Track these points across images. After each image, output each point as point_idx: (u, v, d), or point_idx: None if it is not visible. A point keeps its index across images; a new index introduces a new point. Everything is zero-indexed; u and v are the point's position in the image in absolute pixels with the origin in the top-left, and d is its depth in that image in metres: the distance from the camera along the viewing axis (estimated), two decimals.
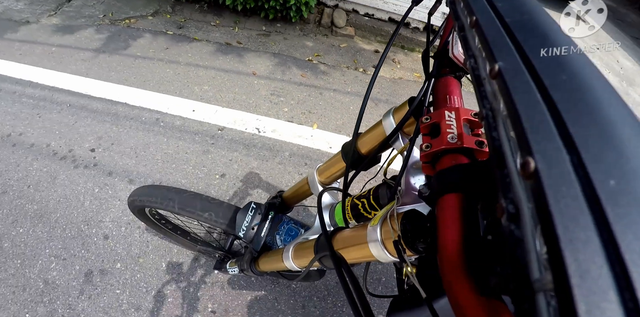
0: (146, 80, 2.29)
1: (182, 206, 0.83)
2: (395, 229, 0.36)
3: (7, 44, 2.67)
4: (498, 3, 0.23)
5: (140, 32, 2.70)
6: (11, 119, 2.10)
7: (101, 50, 2.54)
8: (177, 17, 2.87)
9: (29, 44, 2.65)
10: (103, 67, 2.40)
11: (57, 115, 2.10)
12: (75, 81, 2.30)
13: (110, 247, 1.52)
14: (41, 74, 2.38)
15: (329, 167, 0.67)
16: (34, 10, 3.00)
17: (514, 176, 0.15)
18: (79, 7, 2.96)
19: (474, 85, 0.22)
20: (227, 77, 2.35)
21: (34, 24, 2.85)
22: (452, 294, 0.22)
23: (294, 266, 0.61)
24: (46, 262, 1.47)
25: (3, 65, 2.47)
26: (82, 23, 2.80)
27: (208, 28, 2.80)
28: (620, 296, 0.10)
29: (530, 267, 0.13)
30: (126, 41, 2.61)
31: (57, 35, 2.70)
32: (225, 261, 1.00)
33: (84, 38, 2.67)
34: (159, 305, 1.36)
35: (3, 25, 2.88)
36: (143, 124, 2.03)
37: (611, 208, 0.12)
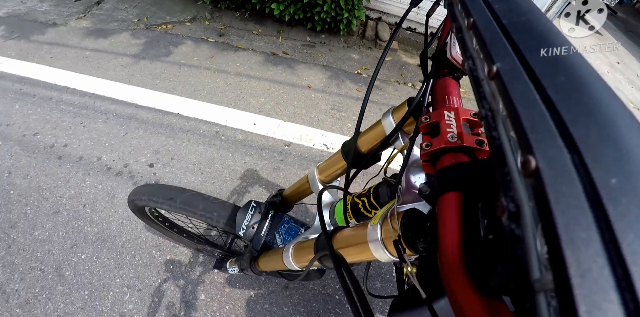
0: (196, 89, 2.18)
1: (182, 205, 0.82)
2: (395, 229, 0.35)
3: (35, 47, 2.50)
4: (495, 5, 0.23)
5: (180, 38, 2.58)
6: (51, 128, 1.94)
7: (141, 56, 2.41)
8: (217, 24, 2.78)
9: (59, 47, 2.49)
10: (146, 74, 2.27)
11: (104, 125, 1.95)
12: (117, 88, 2.16)
13: (189, 276, 1.38)
14: (78, 79, 2.22)
15: (329, 165, 0.67)
16: (60, 12, 2.84)
17: (515, 174, 0.15)
18: (109, 10, 2.83)
19: (473, 86, 0.22)
20: (282, 89, 2.26)
21: (62, 27, 2.69)
22: (452, 294, 0.22)
23: (294, 266, 0.61)
24: (119, 294, 1.32)
25: (34, 69, 2.31)
26: (115, 27, 2.67)
27: (250, 37, 2.71)
28: (621, 296, 0.10)
29: (531, 266, 0.13)
30: (167, 48, 2.49)
31: (90, 39, 2.56)
32: (225, 260, 0.99)
33: (120, 43, 2.53)
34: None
35: (28, 27, 2.71)
36: (202, 137, 1.91)
37: (612, 207, 0.12)
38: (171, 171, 1.73)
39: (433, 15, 0.50)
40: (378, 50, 2.96)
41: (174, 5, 2.89)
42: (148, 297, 1.31)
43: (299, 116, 2.11)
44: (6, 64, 2.37)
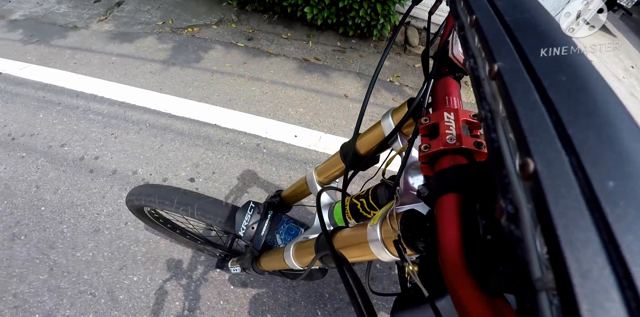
0: (231, 98, 2.08)
1: (181, 205, 0.83)
2: (395, 229, 0.36)
3: (56, 52, 2.40)
4: (498, 2, 0.22)
5: (209, 43, 2.49)
6: (80, 139, 1.84)
7: (170, 62, 2.31)
8: (244, 28, 2.68)
9: (82, 52, 2.38)
10: (177, 81, 2.17)
11: (137, 137, 1.85)
12: (148, 97, 2.06)
13: (244, 296, 1.28)
14: (105, 86, 2.12)
15: (328, 167, 0.67)
16: (80, 14, 2.73)
17: (513, 177, 0.16)
18: (131, 12, 2.73)
19: (473, 86, 0.22)
20: (319, 98, 2.17)
21: (83, 30, 2.59)
22: (454, 292, 0.22)
23: (296, 265, 0.61)
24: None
25: (57, 76, 2.21)
26: (139, 30, 2.57)
27: (280, 41, 2.62)
28: (623, 295, 0.10)
29: (531, 266, 0.13)
30: (196, 53, 2.39)
31: (114, 44, 2.45)
32: (226, 260, 0.99)
33: (146, 47, 2.43)
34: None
35: (47, 30, 2.61)
36: (243, 149, 1.81)
37: (610, 209, 0.12)
38: (215, 186, 1.63)
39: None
40: (407, 56, 2.87)
41: (198, 7, 2.79)
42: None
43: (340, 128, 2.02)
44: (27, 70, 2.26)
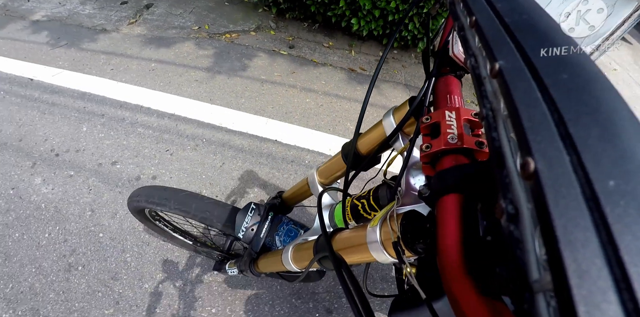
0: (287, 111, 1.99)
1: (182, 207, 0.83)
2: (394, 230, 0.36)
3: (89, 57, 2.26)
4: (497, 3, 0.23)
5: (251, 50, 2.38)
6: (133, 156, 1.72)
7: (215, 70, 2.20)
8: (283, 35, 2.59)
9: (117, 57, 2.25)
10: (227, 91, 2.07)
11: (195, 154, 1.75)
12: (199, 108, 1.95)
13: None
14: (151, 96, 2.01)
15: (329, 167, 0.67)
16: (107, 16, 2.59)
17: (514, 177, 0.16)
18: (163, 15, 2.59)
19: (475, 84, 0.22)
20: (375, 112, 2.10)
21: (114, 33, 2.45)
22: (452, 294, 0.22)
23: (293, 267, 0.61)
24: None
25: (96, 83, 2.08)
26: (174, 35, 2.44)
27: (322, 50, 2.54)
28: (620, 296, 0.10)
29: (530, 267, 0.14)
30: (241, 61, 2.29)
31: (151, 49, 2.33)
32: (224, 262, 1.00)
33: (186, 53, 2.31)
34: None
35: (75, 33, 2.46)
36: (309, 168, 1.73)
37: (610, 209, 0.12)
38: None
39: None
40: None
41: (233, 12, 2.67)
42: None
43: None
44: (61, 76, 2.12)
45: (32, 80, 2.13)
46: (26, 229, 1.48)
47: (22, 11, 2.69)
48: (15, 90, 2.08)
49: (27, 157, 1.73)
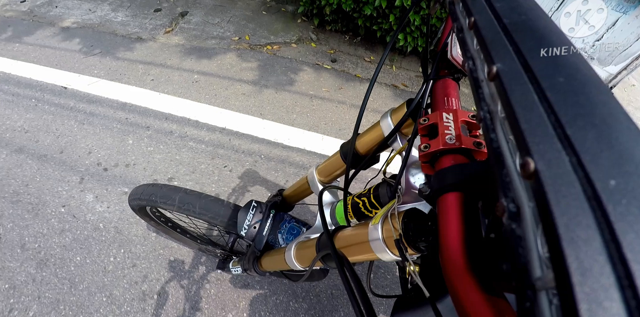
0: (341, 128, 1.92)
1: (183, 205, 0.83)
2: (396, 228, 0.36)
3: (126, 66, 2.16)
4: (497, 4, 0.23)
5: (295, 63, 2.32)
6: (189, 172, 1.62)
7: (261, 83, 2.12)
8: (324, 48, 2.54)
9: (156, 67, 2.16)
10: (277, 106, 1.99)
11: (256, 171, 1.65)
12: (251, 123, 1.87)
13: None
14: (198, 109, 1.92)
15: (328, 166, 0.68)
16: (142, 24, 2.50)
17: (514, 176, 0.16)
18: (200, 24, 2.52)
19: (472, 87, 0.22)
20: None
21: (150, 42, 2.36)
22: (455, 292, 0.22)
23: (297, 266, 0.61)
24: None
25: (136, 94, 1.99)
26: (214, 45, 2.37)
27: (364, 64, 2.50)
28: (622, 294, 0.10)
29: (532, 265, 0.14)
30: (286, 74, 2.22)
31: (191, 59, 2.24)
32: (227, 261, 1.00)
33: (229, 65, 2.23)
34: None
35: (109, 41, 2.37)
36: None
37: (612, 207, 0.12)
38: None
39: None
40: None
41: (272, 23, 2.62)
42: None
43: None
44: (97, 85, 2.01)
45: (65, 89, 2.02)
46: (87, 252, 1.35)
47: (50, 17, 2.59)
48: (47, 98, 1.97)
49: (73, 171, 1.61)
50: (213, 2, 2.77)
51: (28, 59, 2.24)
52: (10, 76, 2.11)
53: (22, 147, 1.72)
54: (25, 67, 2.17)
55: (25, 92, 2.01)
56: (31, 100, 1.96)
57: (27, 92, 2.01)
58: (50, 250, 1.40)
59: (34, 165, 1.65)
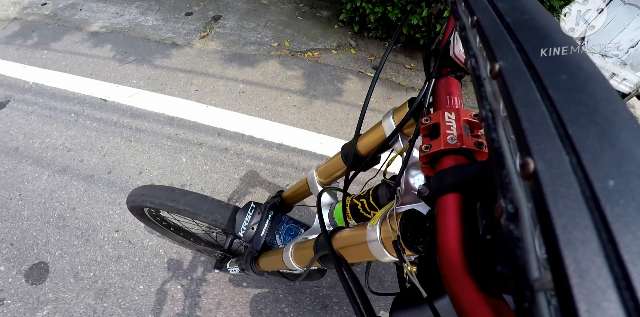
0: None
1: (182, 206, 0.83)
2: (394, 229, 0.36)
3: (166, 75, 2.06)
4: (499, 3, 0.23)
5: (338, 70, 2.24)
6: (250, 193, 1.53)
7: (310, 94, 2.04)
8: (364, 54, 2.45)
9: (199, 77, 2.06)
10: (329, 119, 1.91)
11: None
12: (307, 138, 1.79)
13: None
14: (250, 123, 1.84)
15: (328, 167, 0.68)
16: (175, 28, 2.39)
17: (513, 177, 0.16)
18: (235, 29, 2.42)
19: (474, 85, 0.22)
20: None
21: (187, 48, 2.26)
22: (453, 293, 0.22)
23: (294, 266, 0.62)
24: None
25: (182, 107, 1.90)
26: (253, 52, 2.27)
27: (405, 72, 2.42)
28: (620, 295, 0.10)
29: (530, 266, 0.14)
30: (333, 83, 2.13)
31: (233, 67, 2.15)
32: (225, 261, 1.01)
33: (273, 73, 2.14)
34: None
35: (142, 47, 2.27)
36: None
37: (610, 208, 0.12)
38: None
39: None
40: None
41: (310, 28, 2.52)
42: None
43: None
44: (139, 97, 1.91)
45: (105, 101, 1.92)
46: (151, 279, 1.28)
47: (75, 21, 2.46)
48: (88, 112, 1.86)
49: (124, 193, 1.52)
50: (245, 6, 2.65)
51: (60, 68, 2.12)
52: (43, 88, 1.99)
53: (66, 167, 1.62)
54: (58, 77, 2.05)
55: (62, 106, 1.90)
56: (70, 114, 1.86)
57: (64, 105, 1.90)
58: (108, 279, 1.32)
59: (80, 186, 1.56)
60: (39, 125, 1.81)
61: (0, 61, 2.17)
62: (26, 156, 1.66)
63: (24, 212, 1.46)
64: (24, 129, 1.79)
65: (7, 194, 1.52)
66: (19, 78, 2.06)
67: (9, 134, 1.77)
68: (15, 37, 2.34)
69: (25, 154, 1.67)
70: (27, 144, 1.72)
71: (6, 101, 1.93)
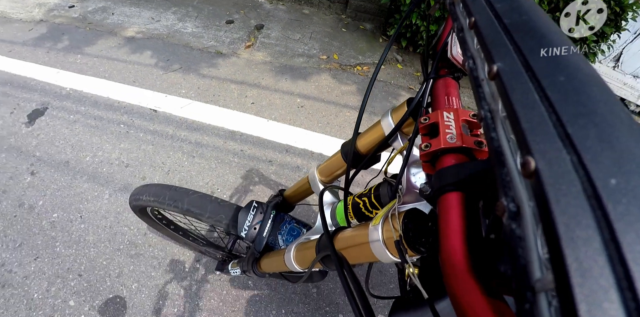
0: None
1: (184, 205, 0.83)
2: (396, 229, 0.36)
3: (217, 85, 1.97)
4: (497, 4, 0.23)
5: (390, 87, 2.21)
6: None
7: (368, 110, 2.00)
8: (410, 70, 2.44)
9: (253, 89, 1.98)
10: None
11: None
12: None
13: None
14: (317, 140, 1.78)
15: (329, 166, 0.68)
16: (217, 37, 2.30)
17: (515, 175, 0.16)
18: (281, 39, 2.35)
19: (473, 86, 0.22)
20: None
21: (233, 58, 2.17)
22: (454, 294, 0.22)
23: (296, 267, 0.62)
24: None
25: (241, 120, 1.83)
26: (303, 64, 2.21)
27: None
28: (622, 295, 0.10)
29: (532, 266, 0.14)
30: (388, 100, 2.10)
31: (286, 80, 2.08)
32: (227, 262, 1.00)
33: (328, 88, 2.08)
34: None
35: (185, 55, 2.18)
36: None
37: (612, 207, 0.12)
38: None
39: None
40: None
41: (356, 41, 2.49)
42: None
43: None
44: (191, 108, 1.81)
45: (156, 112, 1.79)
46: (245, 314, 1.15)
47: (108, 25, 2.31)
48: (139, 123, 1.73)
49: None
50: (287, 15, 2.59)
51: (97, 74, 1.97)
52: (83, 95, 1.84)
53: (127, 185, 1.49)
54: (98, 84, 1.91)
55: (108, 116, 1.76)
56: (119, 125, 1.72)
57: (110, 115, 1.76)
58: (196, 313, 1.19)
59: None
60: (86, 137, 1.66)
61: (30, 64, 2.00)
62: (80, 172, 1.51)
63: (88, 237, 1.31)
64: (70, 141, 1.64)
65: (66, 215, 1.36)
66: (53, 83, 1.90)
67: (55, 146, 1.61)
68: (44, 40, 2.17)
69: (78, 169, 1.52)
70: (78, 158, 1.57)
71: (44, 108, 1.77)
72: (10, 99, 1.81)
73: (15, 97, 1.82)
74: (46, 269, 1.27)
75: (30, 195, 1.47)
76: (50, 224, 1.39)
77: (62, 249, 1.32)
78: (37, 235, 1.36)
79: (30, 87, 1.87)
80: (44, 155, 1.59)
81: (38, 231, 1.37)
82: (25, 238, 1.35)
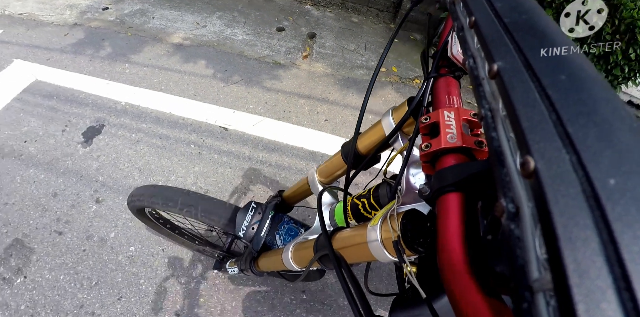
0: None
1: (182, 206, 0.84)
2: (395, 229, 0.37)
3: (285, 100, 1.86)
4: (497, 3, 0.23)
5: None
6: None
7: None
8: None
9: (322, 105, 1.88)
10: None
11: None
12: None
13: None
14: (399, 158, 1.64)
15: (329, 166, 0.69)
16: (270, 45, 2.18)
17: (514, 175, 0.16)
18: (336, 50, 2.25)
19: (473, 85, 0.22)
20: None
21: (294, 69, 2.05)
22: (452, 293, 0.22)
23: (294, 266, 0.63)
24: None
25: (319, 139, 1.74)
26: (363, 77, 2.12)
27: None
28: (619, 296, 0.10)
29: (530, 266, 0.14)
30: None
31: (352, 94, 1.98)
32: (224, 261, 1.01)
33: (394, 103, 1.99)
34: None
35: (242, 65, 2.06)
36: None
37: (611, 207, 0.12)
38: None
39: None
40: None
41: (409, 52, 2.41)
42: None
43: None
44: (264, 126, 1.70)
45: (227, 130, 1.66)
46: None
47: (150, 30, 2.14)
48: (210, 143, 1.59)
49: None
50: (337, 23, 2.49)
51: (152, 86, 1.81)
52: (141, 110, 1.68)
53: None
54: (155, 97, 1.75)
55: (175, 134, 1.60)
56: (189, 145, 1.57)
57: (177, 133, 1.61)
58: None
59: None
60: (154, 159, 1.50)
61: (74, 75, 1.81)
62: None
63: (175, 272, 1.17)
64: (137, 163, 1.48)
65: (146, 249, 1.22)
66: (105, 96, 1.73)
67: (120, 169, 1.45)
68: (84, 46, 1.98)
69: None
70: (148, 183, 1.41)
71: (100, 126, 1.60)
72: (60, 114, 1.63)
73: (64, 112, 1.64)
74: (135, 310, 1.12)
75: (98, 226, 1.31)
76: (129, 259, 1.24)
77: (148, 287, 1.17)
78: (115, 272, 1.21)
79: (79, 101, 1.69)
80: (108, 180, 1.43)
81: (115, 267, 1.22)
82: (101, 275, 1.21)
